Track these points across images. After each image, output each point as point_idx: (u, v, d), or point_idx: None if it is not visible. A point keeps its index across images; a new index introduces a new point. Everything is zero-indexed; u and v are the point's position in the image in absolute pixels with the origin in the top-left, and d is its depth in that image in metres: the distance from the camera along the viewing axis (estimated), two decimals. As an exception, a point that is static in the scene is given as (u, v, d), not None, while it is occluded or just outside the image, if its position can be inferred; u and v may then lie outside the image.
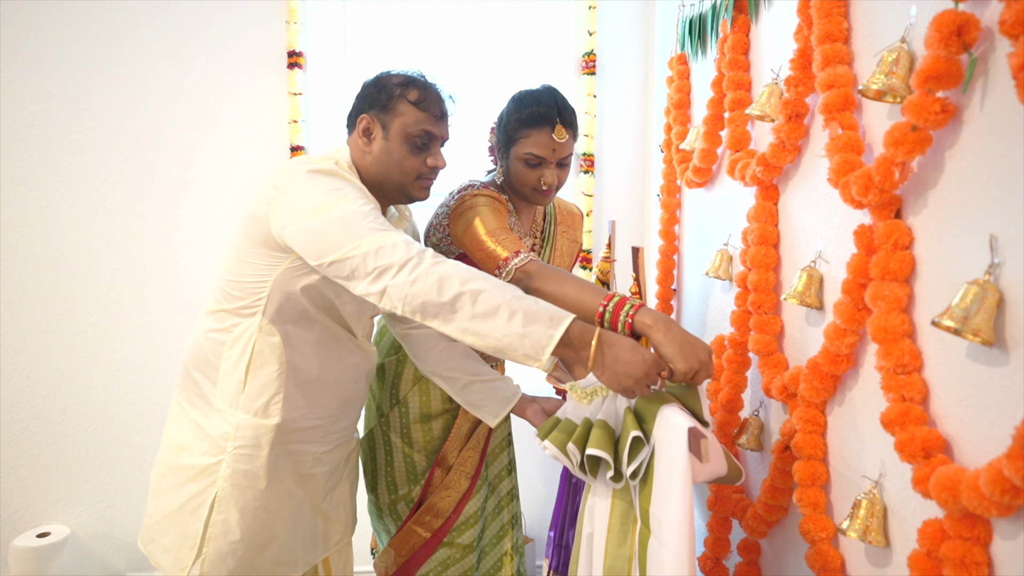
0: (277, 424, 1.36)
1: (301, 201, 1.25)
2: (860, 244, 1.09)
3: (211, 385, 1.39)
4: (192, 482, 1.38)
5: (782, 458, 1.36)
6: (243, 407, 1.35)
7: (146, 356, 2.45)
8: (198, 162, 2.42)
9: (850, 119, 1.14)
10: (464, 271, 1.15)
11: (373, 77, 1.42)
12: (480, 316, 1.12)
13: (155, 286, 2.44)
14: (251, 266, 1.33)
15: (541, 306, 1.14)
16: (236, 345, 1.36)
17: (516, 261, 1.38)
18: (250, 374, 1.35)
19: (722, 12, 1.70)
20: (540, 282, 1.33)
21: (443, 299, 1.12)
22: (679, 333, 1.16)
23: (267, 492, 1.37)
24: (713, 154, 1.78)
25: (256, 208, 1.31)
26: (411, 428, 1.66)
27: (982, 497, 0.82)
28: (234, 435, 1.34)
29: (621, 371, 1.13)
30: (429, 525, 1.65)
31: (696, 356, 1.14)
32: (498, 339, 1.12)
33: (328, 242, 1.20)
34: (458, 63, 2.51)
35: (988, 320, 0.84)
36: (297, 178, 1.27)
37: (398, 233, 1.20)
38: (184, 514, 1.37)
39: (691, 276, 2.06)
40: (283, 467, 1.39)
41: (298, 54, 2.38)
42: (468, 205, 1.51)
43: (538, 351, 1.11)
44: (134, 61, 2.35)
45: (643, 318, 1.18)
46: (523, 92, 1.56)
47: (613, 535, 1.25)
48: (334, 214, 1.21)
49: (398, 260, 1.15)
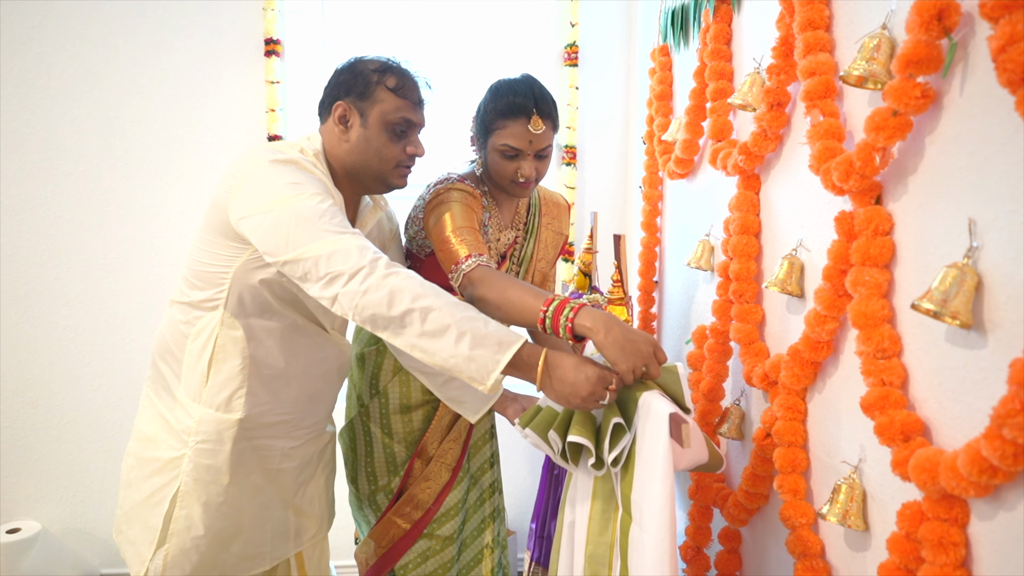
0: (240, 419, 1.33)
1: (258, 192, 1.21)
2: (841, 231, 1.09)
3: (175, 378, 1.36)
4: (157, 475, 1.35)
5: (763, 446, 1.37)
6: (205, 401, 1.33)
7: (120, 348, 2.41)
8: (172, 151, 2.37)
9: (831, 106, 1.15)
10: (416, 286, 1.12)
11: (346, 63, 1.38)
12: (428, 334, 1.10)
13: (128, 277, 2.39)
14: (212, 256, 1.30)
15: (491, 329, 1.12)
16: (199, 339, 1.33)
17: (464, 266, 1.37)
18: (212, 368, 1.32)
19: (704, 2, 1.70)
20: (483, 289, 1.32)
21: (392, 313, 1.10)
22: (619, 333, 1.14)
23: (231, 487, 1.34)
24: (695, 145, 1.78)
25: (216, 196, 1.28)
26: (391, 419, 1.65)
27: (960, 478, 0.82)
28: (196, 429, 1.32)
29: (568, 391, 1.13)
30: (409, 516, 1.64)
31: (638, 354, 1.13)
32: (444, 359, 1.11)
33: (281, 240, 1.16)
34: (439, 52, 2.49)
35: (967, 303, 0.85)
36: (256, 167, 1.23)
37: (353, 237, 1.15)
38: (148, 507, 1.35)
39: (673, 267, 2.07)
40: (248, 462, 1.37)
41: (276, 41, 2.35)
42: (441, 199, 1.49)
43: (484, 375, 1.10)
44: (107, 47, 2.30)
45: (583, 321, 1.17)
46: (501, 81, 1.53)
47: (594, 523, 1.25)
48: (290, 211, 1.16)
49: (350, 268, 1.11)
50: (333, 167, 1.37)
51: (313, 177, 1.25)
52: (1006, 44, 0.74)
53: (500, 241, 1.62)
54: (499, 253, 1.63)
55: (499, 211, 1.62)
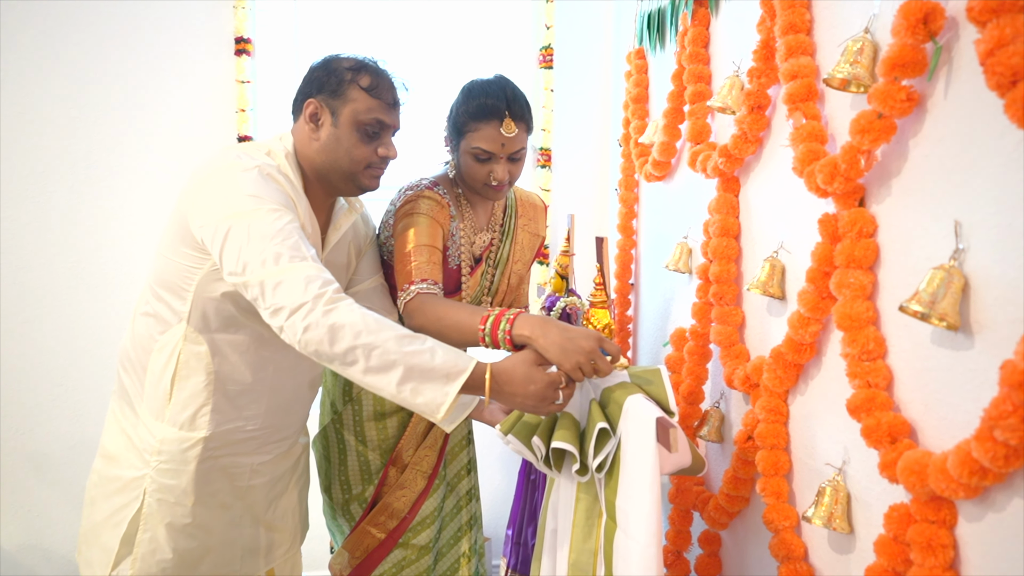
0: (205, 437, 1.28)
1: (217, 201, 1.17)
2: (825, 233, 1.09)
3: (138, 392, 1.31)
4: (118, 495, 1.30)
5: (744, 448, 1.36)
6: (168, 420, 1.28)
7: (85, 357, 2.32)
8: (138, 152, 2.30)
9: (813, 109, 1.15)
10: (358, 321, 1.09)
11: (321, 60, 1.34)
12: (374, 371, 1.09)
13: (90, 283, 2.31)
14: (175, 265, 1.25)
15: (437, 361, 1.11)
16: (161, 354, 1.28)
17: (404, 296, 1.38)
18: (175, 385, 1.27)
19: (682, 6, 1.70)
20: (420, 319, 1.34)
21: (335, 351, 1.09)
22: (557, 334, 1.15)
23: (197, 507, 1.30)
24: (672, 147, 1.78)
25: (179, 201, 1.24)
26: (365, 426, 1.61)
27: (950, 480, 0.82)
28: (158, 449, 1.27)
29: (519, 402, 1.15)
30: (384, 526, 1.60)
31: (579, 350, 1.14)
32: (393, 395, 1.10)
33: (233, 257, 1.13)
34: (414, 53, 2.46)
35: (954, 305, 0.85)
36: (218, 173, 1.20)
37: (302, 266, 1.12)
38: (107, 527, 1.30)
39: (649, 270, 2.07)
40: (215, 481, 1.32)
41: (246, 40, 2.29)
42: (408, 210, 1.47)
43: (433, 409, 1.11)
44: (70, 44, 2.22)
45: (520, 330, 1.19)
46: (473, 83, 1.50)
47: (578, 529, 1.23)
48: (245, 226, 1.13)
49: (292, 303, 1.09)
50: (304, 168, 1.33)
51: (276, 188, 1.21)
52: (994, 47, 0.74)
53: (475, 244, 1.60)
54: (474, 256, 1.61)
55: (474, 213, 1.59)
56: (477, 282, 1.59)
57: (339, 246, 1.43)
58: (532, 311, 1.85)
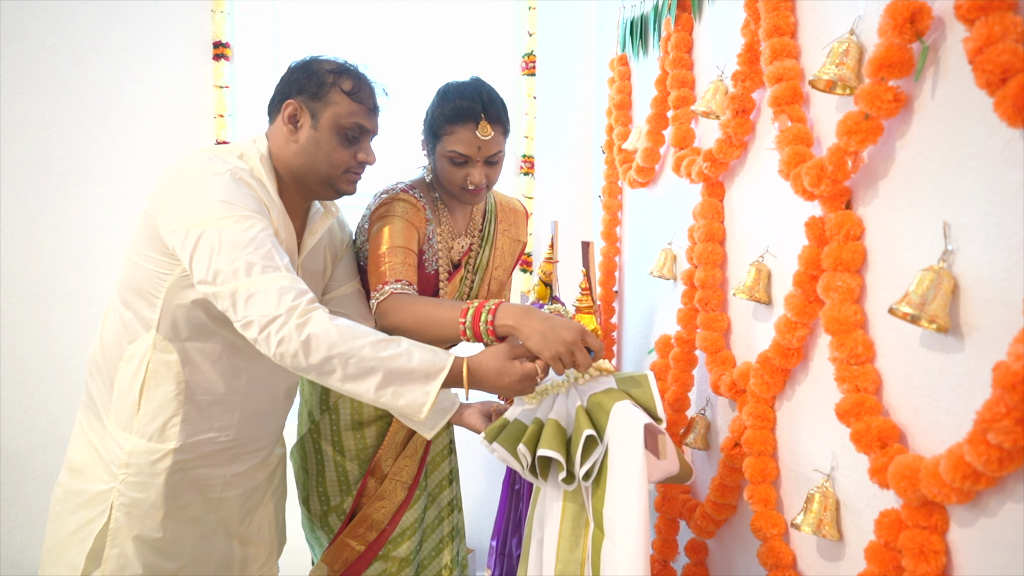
0: (174, 449, 1.24)
1: (188, 206, 1.14)
2: (811, 236, 1.08)
3: (106, 401, 1.27)
4: (84, 509, 1.26)
5: (731, 455, 1.35)
6: (137, 431, 1.24)
7: (53, 367, 2.26)
8: (114, 158, 2.25)
9: (799, 112, 1.14)
10: (332, 332, 1.08)
11: (301, 61, 1.31)
12: (352, 378, 1.10)
13: (64, 291, 2.25)
14: (144, 271, 1.21)
15: (415, 362, 1.12)
16: (130, 363, 1.24)
17: (378, 295, 1.35)
18: (144, 395, 1.23)
19: (665, 11, 1.70)
20: (395, 318, 1.31)
21: (311, 362, 1.08)
22: (539, 323, 1.15)
23: (167, 522, 1.26)
24: (656, 153, 1.77)
25: (149, 204, 1.20)
26: (343, 436, 1.57)
27: (942, 484, 0.81)
28: (126, 462, 1.23)
29: (497, 391, 1.18)
30: (363, 538, 1.56)
31: (560, 340, 1.13)
32: (374, 400, 1.11)
33: (204, 265, 1.10)
34: (395, 60, 2.44)
35: (944, 306, 0.84)
36: (190, 177, 1.16)
37: (275, 277, 1.10)
38: (73, 543, 1.25)
39: (633, 277, 2.05)
40: (185, 494, 1.28)
41: (224, 45, 2.26)
42: (382, 213, 1.45)
43: (416, 410, 1.11)
44: (44, 48, 2.17)
45: (503, 320, 1.19)
46: (449, 85, 1.48)
47: (565, 539, 1.21)
48: (216, 234, 1.10)
49: (265, 317, 1.08)
50: (279, 171, 1.29)
51: (249, 193, 1.18)
52: (983, 45, 0.73)
53: (453, 249, 1.57)
54: (453, 261, 1.58)
55: (452, 218, 1.56)
56: (456, 288, 1.57)
57: (315, 251, 1.40)
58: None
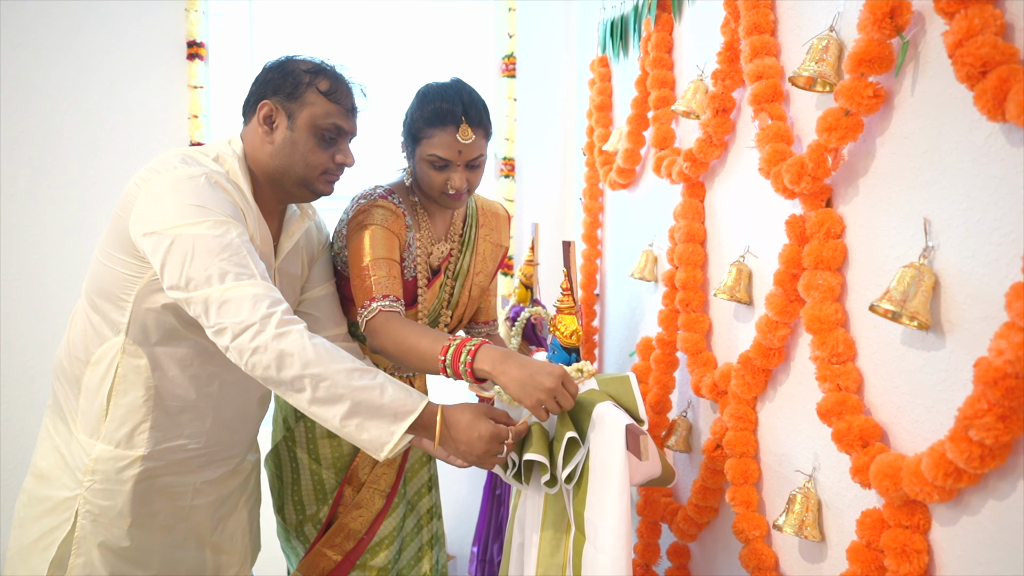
0: (143, 456, 1.21)
1: (161, 209, 1.10)
2: (792, 234, 1.08)
3: (72, 409, 1.24)
4: (47, 516, 1.22)
5: (713, 457, 1.34)
6: (104, 437, 1.20)
7: (22, 370, 2.19)
8: (84, 159, 2.20)
9: (779, 110, 1.14)
10: (308, 350, 1.05)
11: (276, 61, 1.28)
12: (321, 401, 1.07)
13: (33, 295, 2.19)
14: (113, 273, 1.18)
15: (386, 399, 1.08)
16: (98, 367, 1.21)
17: (366, 313, 1.32)
18: (112, 401, 1.20)
19: (645, 11, 1.69)
20: (382, 340, 1.28)
21: (282, 377, 1.05)
22: (517, 371, 1.11)
23: (134, 530, 1.22)
24: (637, 154, 1.77)
25: (120, 205, 1.17)
26: (318, 443, 1.54)
27: (924, 483, 0.80)
28: (92, 468, 1.19)
29: (463, 449, 1.12)
30: (340, 547, 1.52)
31: (539, 387, 1.09)
32: (337, 428, 1.08)
33: (176, 271, 1.07)
34: (373, 62, 2.42)
35: (925, 303, 0.84)
36: (163, 178, 1.13)
37: (249, 284, 1.07)
38: (36, 551, 1.21)
39: (614, 279, 2.04)
40: (154, 502, 1.24)
41: (199, 44, 2.22)
42: (361, 220, 1.40)
43: (377, 448, 1.08)
44: (13, 46, 2.12)
45: (481, 365, 1.15)
46: (428, 87, 1.44)
47: (546, 543, 1.19)
48: (189, 239, 1.07)
49: (240, 324, 1.05)
50: (254, 173, 1.26)
51: (224, 197, 1.15)
52: (963, 39, 0.73)
53: (433, 255, 1.54)
54: (432, 267, 1.55)
55: (431, 223, 1.52)
56: (435, 295, 1.53)
57: (292, 255, 1.37)
58: (499, 322, 1.80)
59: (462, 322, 1.62)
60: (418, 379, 1.63)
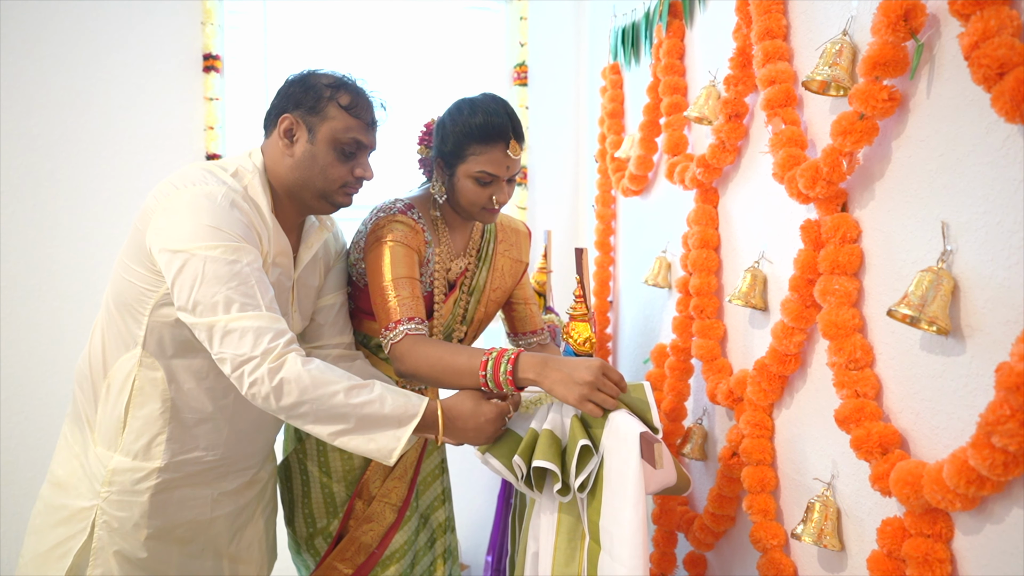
0: (159, 467, 1.22)
1: (176, 226, 1.12)
2: (807, 239, 1.07)
3: (91, 418, 1.25)
4: (63, 525, 1.22)
5: (729, 465, 1.32)
6: (122, 449, 1.21)
7: (43, 380, 2.22)
8: (103, 171, 2.23)
9: (792, 115, 1.13)
10: (304, 377, 1.07)
11: (298, 75, 1.29)
12: (323, 421, 1.10)
13: (53, 305, 2.22)
14: (131, 286, 1.19)
15: (387, 409, 1.12)
16: (116, 379, 1.22)
17: (391, 336, 1.31)
18: (130, 413, 1.21)
19: (656, 18, 1.69)
20: (411, 364, 1.28)
21: (282, 405, 1.08)
22: (557, 372, 1.16)
23: (151, 541, 1.22)
24: (649, 161, 1.76)
25: (139, 217, 1.18)
26: (329, 456, 1.53)
27: (946, 490, 0.79)
28: (109, 480, 1.20)
29: (473, 436, 1.19)
30: (352, 561, 1.51)
31: (580, 382, 1.13)
32: (344, 443, 1.11)
33: (185, 293, 1.09)
34: (386, 71, 2.43)
35: (944, 308, 0.83)
36: (182, 194, 1.14)
37: (252, 316, 1.09)
38: (51, 560, 1.22)
39: (627, 286, 2.03)
40: (172, 515, 1.25)
41: (215, 57, 2.24)
42: (379, 236, 1.39)
43: (386, 455, 1.12)
44: (33, 59, 2.16)
45: (523, 373, 1.19)
46: (468, 102, 1.41)
47: (560, 553, 1.18)
48: (200, 263, 1.09)
49: (239, 357, 1.07)
50: (274, 185, 1.27)
51: (240, 218, 1.16)
52: (979, 40, 0.72)
53: (451, 270, 1.53)
54: (449, 282, 1.54)
55: (452, 238, 1.51)
56: (450, 310, 1.51)
57: (311, 266, 1.38)
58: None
59: (476, 337, 1.61)
60: (428, 390, 1.63)
